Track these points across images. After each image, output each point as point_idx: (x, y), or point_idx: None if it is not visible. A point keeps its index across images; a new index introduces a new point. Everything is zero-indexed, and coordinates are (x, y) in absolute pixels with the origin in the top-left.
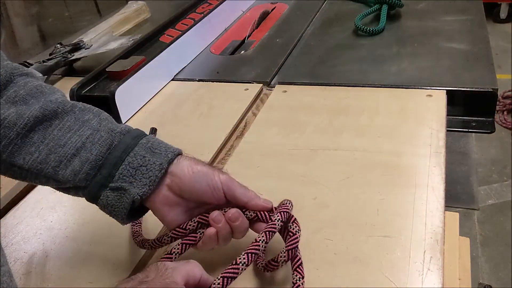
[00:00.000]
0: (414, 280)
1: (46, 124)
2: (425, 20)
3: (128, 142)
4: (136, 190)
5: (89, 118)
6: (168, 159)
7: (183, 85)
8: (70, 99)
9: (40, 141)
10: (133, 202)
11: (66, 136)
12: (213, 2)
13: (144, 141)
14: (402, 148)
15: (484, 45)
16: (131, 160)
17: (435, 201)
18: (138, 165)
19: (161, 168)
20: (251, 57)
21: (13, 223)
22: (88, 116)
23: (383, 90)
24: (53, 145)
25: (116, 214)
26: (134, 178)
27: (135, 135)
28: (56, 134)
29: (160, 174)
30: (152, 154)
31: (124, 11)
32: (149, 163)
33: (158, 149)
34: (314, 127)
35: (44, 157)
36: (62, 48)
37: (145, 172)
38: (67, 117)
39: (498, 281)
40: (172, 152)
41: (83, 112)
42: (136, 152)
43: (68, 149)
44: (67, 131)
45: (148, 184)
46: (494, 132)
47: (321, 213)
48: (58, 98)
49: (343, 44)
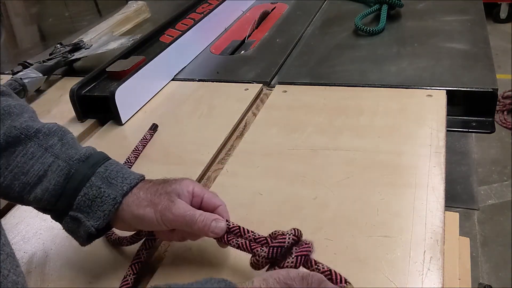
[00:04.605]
0: (414, 280)
1: (10, 151)
2: (425, 20)
3: (85, 172)
4: (91, 222)
5: (52, 143)
6: (122, 192)
7: (183, 85)
8: (70, 99)
9: (4, 167)
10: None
11: (29, 163)
12: (213, 2)
13: (102, 170)
14: (402, 148)
15: (484, 45)
16: (87, 191)
17: (435, 201)
18: (94, 196)
19: (115, 203)
20: (251, 57)
21: (13, 223)
22: (52, 141)
23: (383, 90)
24: (16, 172)
25: (76, 239)
26: (90, 209)
27: (94, 162)
28: (19, 160)
29: (114, 208)
30: (108, 185)
31: (124, 11)
32: (104, 195)
33: (115, 179)
34: (314, 127)
35: (9, 183)
36: (62, 48)
37: (100, 204)
38: (30, 143)
39: (498, 281)
40: (127, 184)
41: (47, 137)
42: (92, 182)
43: (30, 177)
44: (29, 158)
45: (102, 218)
46: (494, 132)
47: (321, 213)
48: (23, 123)
49: (343, 44)
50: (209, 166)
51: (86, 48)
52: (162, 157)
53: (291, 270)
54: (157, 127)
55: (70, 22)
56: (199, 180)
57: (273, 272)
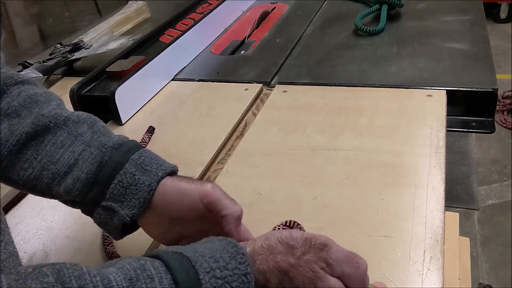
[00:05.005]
0: (414, 280)
1: (38, 140)
2: (425, 20)
3: (119, 159)
4: (126, 211)
5: (82, 131)
6: (158, 178)
7: (183, 85)
8: (70, 99)
9: (33, 157)
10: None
11: (59, 152)
12: (213, 2)
13: (136, 157)
14: (402, 148)
15: (484, 45)
16: (121, 179)
17: (435, 201)
18: (128, 184)
19: (150, 189)
20: (251, 57)
21: (13, 223)
22: (82, 129)
23: (383, 90)
24: (46, 162)
25: (109, 231)
26: (125, 198)
27: (127, 149)
28: (49, 150)
29: (149, 195)
30: (143, 172)
31: (124, 11)
32: (138, 182)
33: (150, 165)
34: (314, 127)
35: (38, 173)
36: (62, 48)
37: (135, 192)
38: (59, 132)
39: (498, 281)
40: (163, 171)
41: (77, 124)
42: (126, 169)
43: (61, 166)
44: (59, 146)
45: (137, 206)
46: (494, 132)
47: (321, 213)
48: (52, 111)
49: (343, 44)
50: (209, 166)
51: (86, 48)
52: (162, 157)
53: (294, 230)
54: (154, 130)
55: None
56: (199, 180)
57: (276, 232)
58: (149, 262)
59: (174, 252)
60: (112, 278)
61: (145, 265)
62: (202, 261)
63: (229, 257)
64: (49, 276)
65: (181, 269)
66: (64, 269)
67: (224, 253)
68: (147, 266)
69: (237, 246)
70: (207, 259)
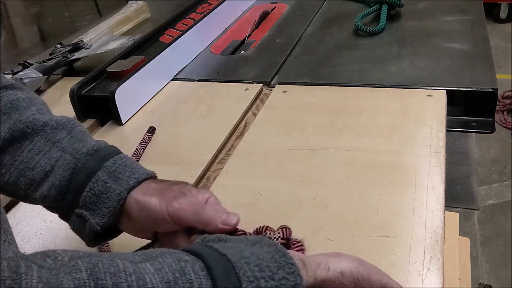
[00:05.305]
0: (414, 280)
1: (16, 146)
2: (425, 20)
3: (92, 166)
4: (97, 220)
5: (60, 137)
6: (128, 187)
7: (183, 85)
8: (70, 99)
9: (10, 163)
10: (94, 231)
11: (35, 158)
12: (213, 2)
13: (109, 164)
14: (402, 148)
15: (484, 45)
16: (92, 186)
17: (435, 201)
18: (99, 192)
19: (120, 199)
20: (251, 57)
21: (13, 223)
22: (60, 135)
23: (383, 90)
24: (22, 168)
25: (84, 239)
26: (96, 206)
27: (102, 155)
28: (26, 156)
29: (119, 204)
30: (115, 180)
31: (124, 11)
32: (109, 190)
33: (122, 173)
34: (314, 127)
35: (15, 179)
36: (62, 48)
37: (105, 201)
38: (37, 138)
39: (498, 281)
40: (135, 179)
41: (55, 130)
42: (98, 177)
43: (37, 173)
44: (36, 153)
45: (107, 215)
46: (494, 132)
47: (321, 213)
48: (30, 116)
49: (343, 44)
50: (209, 166)
51: (86, 48)
52: (162, 157)
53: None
54: (154, 130)
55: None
56: (199, 180)
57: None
58: (189, 265)
59: (219, 253)
60: (148, 279)
61: (185, 268)
62: (247, 269)
63: (276, 266)
64: (83, 271)
65: (223, 276)
66: (100, 264)
67: (272, 262)
68: (187, 269)
69: (286, 256)
70: (252, 267)
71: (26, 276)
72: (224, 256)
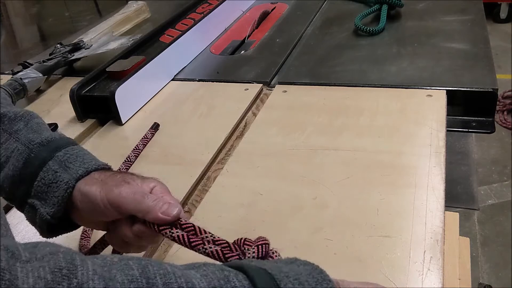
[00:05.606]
0: (414, 280)
1: None
2: (425, 20)
3: (44, 156)
4: (47, 209)
5: (18, 128)
6: (77, 176)
7: (183, 85)
8: (70, 99)
9: None
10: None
11: None
12: (213, 2)
13: (61, 154)
14: (402, 148)
15: (484, 45)
16: (43, 176)
17: (435, 201)
18: (50, 181)
19: (67, 187)
20: (251, 57)
21: (13, 223)
22: (18, 126)
23: (383, 90)
24: None
25: (38, 230)
26: (47, 196)
27: (55, 146)
28: None
29: (66, 193)
30: (65, 170)
31: (124, 11)
32: (58, 179)
33: (73, 163)
34: (314, 127)
35: None
36: (62, 48)
37: (55, 190)
38: None
39: (498, 281)
40: (84, 168)
41: (13, 122)
42: (49, 166)
43: None
44: None
45: (56, 204)
46: (494, 132)
47: (321, 213)
48: None
49: (343, 44)
50: (209, 166)
51: (86, 48)
52: (162, 157)
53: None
54: (158, 126)
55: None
56: (199, 180)
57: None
58: (233, 274)
59: (259, 267)
60: (196, 283)
61: (229, 276)
62: (287, 282)
63: (315, 281)
64: (134, 270)
65: (266, 285)
66: (149, 266)
67: (310, 278)
68: (231, 278)
69: (323, 273)
70: (291, 280)
71: (82, 268)
72: (264, 270)
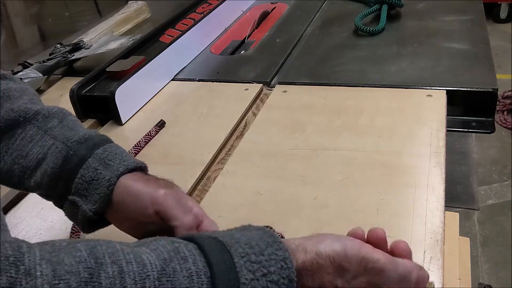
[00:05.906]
0: None
1: (9, 134)
2: (425, 20)
3: (83, 153)
4: (89, 206)
5: (52, 125)
6: (118, 173)
7: (183, 85)
8: (70, 99)
9: (4, 151)
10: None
11: (28, 146)
12: (213, 2)
13: (100, 151)
14: (402, 148)
15: (484, 45)
16: (84, 173)
17: (435, 201)
18: (90, 178)
19: (109, 184)
20: (251, 57)
21: (13, 223)
22: (52, 123)
23: (383, 90)
24: (16, 156)
25: (78, 225)
26: (88, 192)
27: (93, 143)
28: (19, 144)
29: (109, 190)
30: (105, 167)
31: (124, 11)
32: (100, 176)
33: (113, 160)
34: (314, 127)
35: (9, 167)
36: (62, 48)
37: (97, 187)
38: (29, 126)
39: (498, 281)
40: (124, 166)
41: (47, 119)
42: (89, 164)
43: (30, 160)
44: (28, 141)
45: (98, 201)
46: (494, 132)
47: (321, 213)
48: (22, 105)
49: (343, 44)
50: (209, 166)
51: (86, 48)
52: (162, 157)
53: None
54: (164, 124)
55: (70, 22)
56: (199, 180)
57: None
58: (183, 245)
59: (209, 236)
60: (145, 257)
61: (179, 247)
62: (237, 247)
63: (265, 244)
64: (82, 251)
65: (215, 251)
66: (98, 246)
67: (261, 241)
68: (181, 248)
69: (274, 236)
70: (242, 245)
71: (28, 255)
72: (215, 238)
